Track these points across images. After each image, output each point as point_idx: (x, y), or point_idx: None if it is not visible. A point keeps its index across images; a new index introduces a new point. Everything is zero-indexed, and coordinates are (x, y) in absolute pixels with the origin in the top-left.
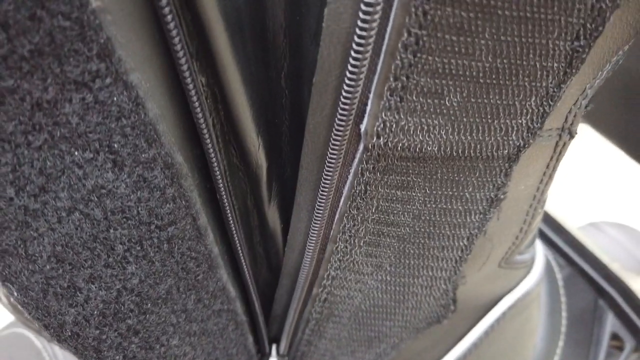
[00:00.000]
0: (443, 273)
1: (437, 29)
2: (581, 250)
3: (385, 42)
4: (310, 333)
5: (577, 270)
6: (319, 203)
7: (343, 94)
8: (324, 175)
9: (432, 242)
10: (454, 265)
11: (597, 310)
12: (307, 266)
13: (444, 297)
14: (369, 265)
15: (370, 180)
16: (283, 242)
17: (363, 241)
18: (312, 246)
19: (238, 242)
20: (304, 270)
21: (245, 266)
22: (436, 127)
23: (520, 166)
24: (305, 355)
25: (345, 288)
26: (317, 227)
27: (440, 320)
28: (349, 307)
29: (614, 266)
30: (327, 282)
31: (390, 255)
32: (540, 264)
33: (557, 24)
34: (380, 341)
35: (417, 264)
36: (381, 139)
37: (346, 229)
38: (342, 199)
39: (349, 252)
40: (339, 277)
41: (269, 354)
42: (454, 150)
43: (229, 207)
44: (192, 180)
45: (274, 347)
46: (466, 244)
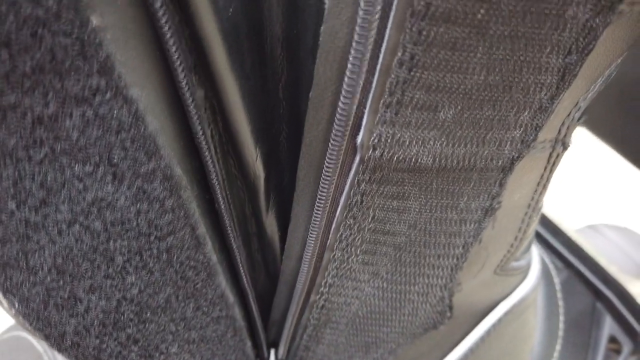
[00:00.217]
0: (439, 280)
1: (432, 46)
2: (579, 253)
3: (381, 58)
4: (308, 339)
5: (574, 273)
6: (316, 213)
7: (339, 109)
8: (321, 186)
9: (428, 251)
10: (450, 273)
11: (594, 313)
12: (304, 274)
13: (440, 303)
14: (365, 272)
15: (366, 191)
16: (281, 249)
17: (360, 249)
18: (309, 254)
19: (236, 249)
20: (301, 277)
21: (244, 273)
22: (431, 140)
23: (514, 176)
24: None
25: (342, 295)
26: (314, 235)
27: (437, 326)
28: (346, 313)
29: (612, 269)
30: (324, 289)
31: (387, 263)
32: (536, 269)
33: (549, 41)
34: (377, 346)
35: (413, 271)
36: (377, 151)
37: (343, 237)
38: (339, 208)
39: (345, 260)
40: (336, 285)
41: (268, 359)
42: (448, 161)
43: (227, 216)
44: (191, 191)
45: (272, 351)
46: (462, 252)
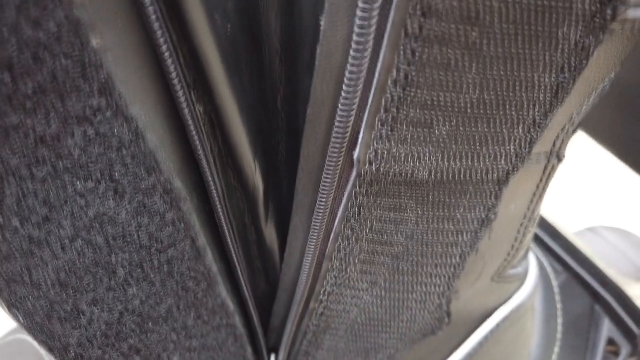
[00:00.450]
0: (437, 289)
1: (426, 66)
2: (577, 256)
3: (376, 78)
4: (308, 344)
5: (573, 275)
6: (315, 224)
7: (336, 125)
8: (319, 198)
9: (426, 260)
10: (447, 282)
11: (593, 316)
12: (303, 282)
13: (438, 311)
14: (364, 281)
15: (363, 203)
16: (280, 258)
17: (358, 259)
18: (308, 264)
19: (236, 258)
20: (300, 285)
21: (244, 281)
22: (427, 155)
23: (510, 188)
24: None
25: (341, 303)
26: (312, 246)
27: (435, 332)
28: (346, 320)
29: (610, 272)
30: (323, 298)
31: (385, 272)
32: (533, 275)
33: (542, 61)
34: (376, 352)
35: (411, 280)
36: (373, 166)
37: (341, 248)
38: (337, 220)
39: (344, 270)
40: (335, 293)
41: None
42: (444, 175)
43: (227, 227)
44: (191, 204)
45: (272, 357)
46: (459, 261)
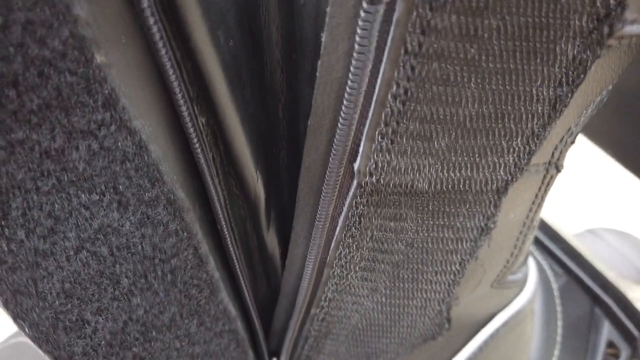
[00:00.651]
0: (437, 295)
1: (425, 81)
2: (577, 258)
3: (376, 92)
4: (309, 349)
5: (573, 278)
6: (315, 232)
7: (336, 136)
8: (320, 207)
9: (425, 268)
10: (447, 288)
11: (593, 318)
12: (305, 288)
13: (438, 316)
14: (364, 288)
15: (364, 213)
16: (282, 264)
17: (358, 267)
18: (309, 270)
19: (238, 265)
20: (302, 292)
21: (245, 287)
22: (426, 167)
23: (509, 198)
24: None
25: (342, 309)
26: (313, 253)
27: (435, 337)
28: (346, 325)
29: (610, 274)
30: (324, 303)
31: (385, 279)
32: (532, 280)
33: (539, 74)
34: (377, 356)
35: (411, 287)
36: (374, 177)
37: (342, 255)
38: (338, 228)
39: (345, 277)
40: (336, 299)
41: None
42: (444, 185)
43: (229, 235)
44: (193, 214)
45: None
46: (458, 268)
